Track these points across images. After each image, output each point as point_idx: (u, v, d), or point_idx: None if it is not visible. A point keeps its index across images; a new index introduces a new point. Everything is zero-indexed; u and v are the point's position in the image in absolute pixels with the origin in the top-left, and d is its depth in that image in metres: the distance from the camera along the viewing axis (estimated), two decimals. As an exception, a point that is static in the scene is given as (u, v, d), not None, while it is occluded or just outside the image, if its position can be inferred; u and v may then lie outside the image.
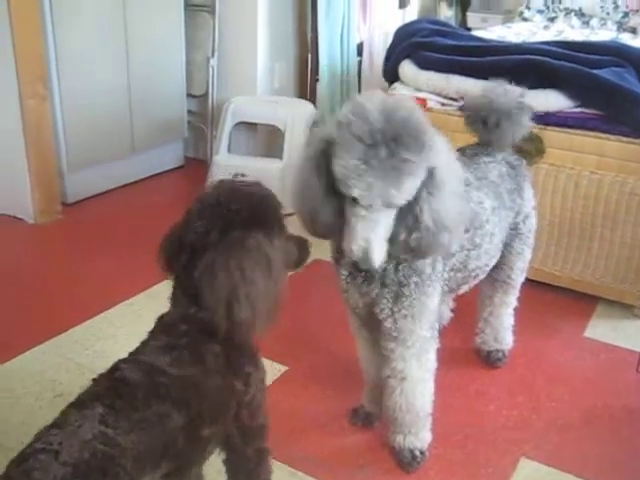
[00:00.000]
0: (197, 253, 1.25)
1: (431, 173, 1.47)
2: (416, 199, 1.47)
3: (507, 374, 2.22)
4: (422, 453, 1.79)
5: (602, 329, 2.48)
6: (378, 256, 1.47)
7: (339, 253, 1.64)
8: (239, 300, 1.21)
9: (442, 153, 1.52)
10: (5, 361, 2.18)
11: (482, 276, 1.94)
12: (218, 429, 1.28)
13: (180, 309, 1.31)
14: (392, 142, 1.38)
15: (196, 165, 4.10)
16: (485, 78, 2.59)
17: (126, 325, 2.43)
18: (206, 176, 3.58)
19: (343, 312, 1.85)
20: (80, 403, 1.16)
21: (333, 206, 1.53)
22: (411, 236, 1.51)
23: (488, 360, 2.25)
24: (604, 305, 2.61)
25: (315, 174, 1.52)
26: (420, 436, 1.79)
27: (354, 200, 1.44)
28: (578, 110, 2.50)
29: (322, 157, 1.50)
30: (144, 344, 1.30)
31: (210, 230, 1.24)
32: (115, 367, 1.24)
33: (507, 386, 2.16)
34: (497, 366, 2.23)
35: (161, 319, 1.33)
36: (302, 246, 1.39)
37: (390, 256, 1.54)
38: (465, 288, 1.92)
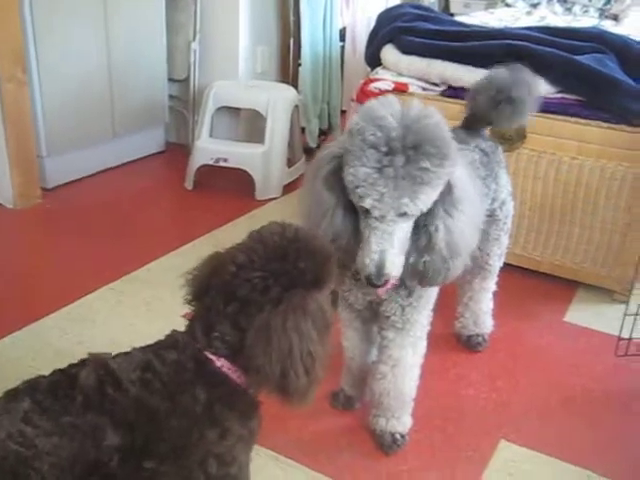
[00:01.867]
0: (250, 307, 1.16)
1: (450, 189, 1.44)
2: (432, 217, 1.45)
3: (487, 358, 2.23)
4: (402, 437, 1.80)
5: (582, 313, 2.50)
6: (392, 270, 1.41)
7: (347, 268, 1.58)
8: (296, 369, 1.13)
9: (462, 171, 1.50)
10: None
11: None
12: (171, 467, 1.18)
13: (188, 339, 1.22)
14: (411, 150, 1.34)
15: (177, 150, 4.07)
16: (467, 63, 2.62)
17: (106, 310, 2.41)
18: (187, 161, 3.56)
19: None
20: (12, 394, 1.11)
21: (350, 224, 1.48)
22: (421, 258, 1.48)
23: (468, 344, 2.26)
24: (584, 290, 2.63)
25: (328, 191, 1.47)
26: (402, 420, 1.80)
27: (367, 212, 1.40)
28: (559, 96, 2.50)
29: (334, 173, 1.45)
30: (130, 352, 1.22)
31: (272, 286, 1.15)
32: (82, 362, 1.18)
33: (487, 370, 2.18)
34: (477, 350, 2.25)
35: (168, 336, 1.25)
36: (334, 299, 1.30)
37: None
38: None
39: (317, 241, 1.23)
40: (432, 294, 1.69)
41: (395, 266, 1.42)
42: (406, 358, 1.71)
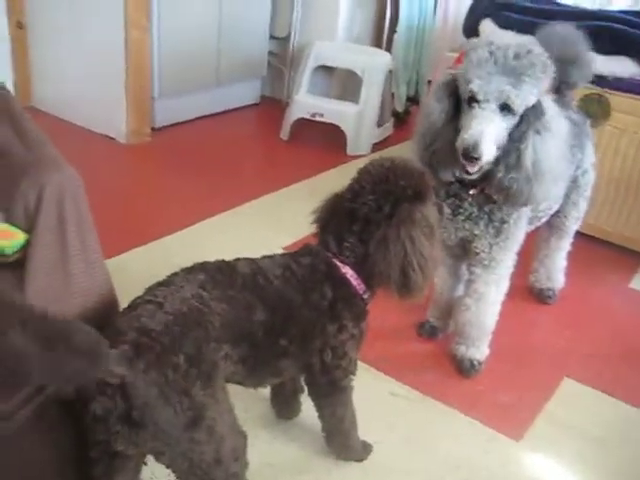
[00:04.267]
0: (370, 225, 1.44)
1: (542, 111, 1.69)
2: (524, 136, 1.69)
3: (556, 311, 2.47)
4: (480, 364, 2.06)
5: (646, 283, 2.71)
6: (486, 149, 1.65)
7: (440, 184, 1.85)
8: (413, 268, 1.40)
9: (552, 104, 1.73)
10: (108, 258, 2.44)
11: (545, 219, 2.17)
12: (297, 349, 1.44)
13: (320, 249, 1.50)
14: (521, 51, 1.62)
15: (271, 104, 4.35)
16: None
17: (213, 238, 2.71)
18: (281, 114, 3.83)
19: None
20: (189, 269, 1.38)
21: (451, 131, 1.74)
22: (508, 175, 1.71)
23: (540, 296, 2.49)
24: (650, 262, 2.82)
25: (436, 101, 1.76)
26: (480, 349, 2.06)
27: (472, 100, 1.66)
28: (647, 78, 2.68)
29: (444, 88, 1.75)
30: (271, 256, 1.51)
31: (383, 205, 1.43)
32: (236, 259, 1.46)
33: (555, 320, 2.42)
34: (547, 303, 2.48)
35: (303, 247, 1.53)
36: (439, 209, 1.56)
37: (485, 196, 1.77)
38: (530, 228, 2.14)
39: (410, 163, 1.52)
40: (518, 237, 1.92)
41: (488, 149, 1.66)
42: (490, 294, 1.96)
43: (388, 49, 4.22)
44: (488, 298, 1.97)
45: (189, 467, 1.23)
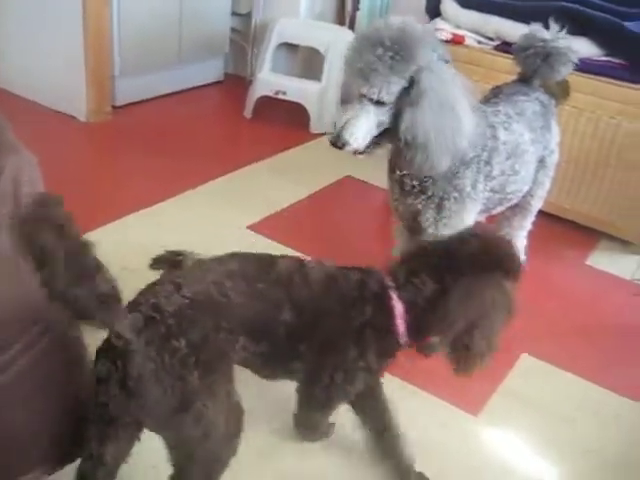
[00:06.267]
0: (457, 272, 1.38)
1: (414, 84, 1.69)
2: (401, 112, 1.71)
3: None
4: (435, 343, 2.09)
5: (602, 259, 2.77)
6: (349, 138, 1.72)
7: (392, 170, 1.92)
8: (481, 330, 1.35)
9: (435, 70, 1.71)
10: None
11: (515, 200, 2.18)
12: (312, 359, 1.43)
13: (380, 274, 1.46)
14: (383, 48, 1.65)
15: (234, 81, 4.31)
16: (523, 22, 2.82)
17: (175, 217, 2.70)
18: (244, 92, 3.81)
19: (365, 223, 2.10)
20: (223, 257, 1.40)
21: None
22: (400, 145, 1.75)
23: (499, 274, 2.53)
24: (607, 239, 2.88)
25: None
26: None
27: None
28: (605, 58, 2.72)
29: None
30: (325, 263, 1.48)
31: (478, 262, 1.38)
32: (282, 255, 1.46)
33: (514, 298, 2.46)
34: (507, 280, 2.52)
35: (361, 267, 1.50)
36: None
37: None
38: (499, 209, 2.17)
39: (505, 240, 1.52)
40: (464, 217, 1.93)
41: (354, 137, 1.73)
42: None
43: (351, 27, 4.20)
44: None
45: (175, 442, 1.28)
